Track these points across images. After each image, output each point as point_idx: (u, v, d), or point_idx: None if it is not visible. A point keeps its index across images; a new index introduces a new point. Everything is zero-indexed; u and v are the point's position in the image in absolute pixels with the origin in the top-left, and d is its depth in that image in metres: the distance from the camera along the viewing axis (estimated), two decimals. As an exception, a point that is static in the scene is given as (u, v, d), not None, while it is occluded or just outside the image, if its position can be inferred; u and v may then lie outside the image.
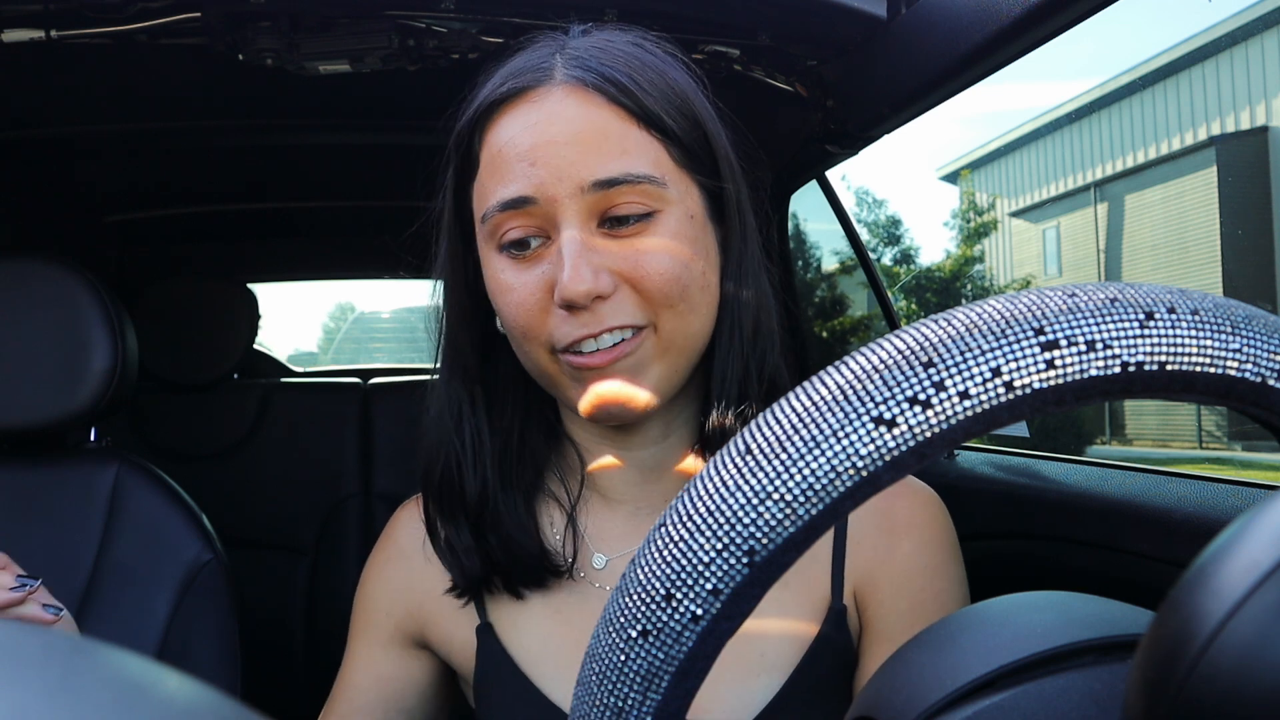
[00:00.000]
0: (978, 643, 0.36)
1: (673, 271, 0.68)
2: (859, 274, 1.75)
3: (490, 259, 0.71)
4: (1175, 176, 13.56)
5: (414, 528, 0.84)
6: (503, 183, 0.68)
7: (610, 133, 0.68)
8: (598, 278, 0.66)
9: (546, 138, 0.67)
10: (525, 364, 0.74)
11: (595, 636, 0.35)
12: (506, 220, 0.68)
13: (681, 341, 0.71)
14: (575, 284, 0.66)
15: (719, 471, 0.32)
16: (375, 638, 0.84)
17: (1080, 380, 0.30)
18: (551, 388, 0.74)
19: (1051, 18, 0.90)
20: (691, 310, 0.70)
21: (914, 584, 0.76)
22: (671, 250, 0.69)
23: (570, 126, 0.67)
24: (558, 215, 0.67)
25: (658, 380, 0.71)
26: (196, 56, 1.19)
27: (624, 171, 0.67)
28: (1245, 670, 0.24)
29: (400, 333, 8.20)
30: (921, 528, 0.77)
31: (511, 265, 0.70)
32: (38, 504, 1.28)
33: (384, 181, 1.97)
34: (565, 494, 0.80)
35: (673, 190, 0.69)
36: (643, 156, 0.68)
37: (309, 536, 1.97)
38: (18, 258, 1.25)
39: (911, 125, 1.26)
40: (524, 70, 0.70)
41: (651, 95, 0.69)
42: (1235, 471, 3.88)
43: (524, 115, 0.68)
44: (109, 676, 0.17)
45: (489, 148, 0.70)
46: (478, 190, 0.72)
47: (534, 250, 0.69)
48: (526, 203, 0.67)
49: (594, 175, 0.67)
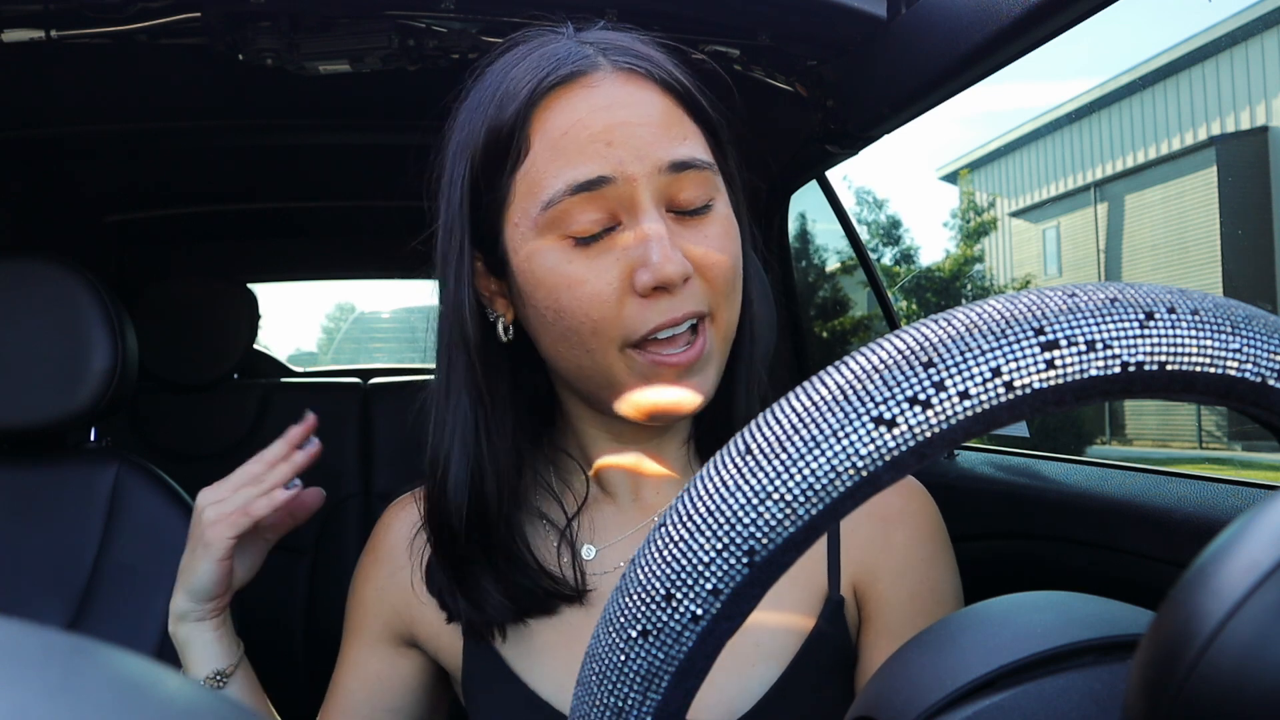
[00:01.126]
0: (978, 643, 0.36)
1: (730, 259, 0.69)
2: (859, 274, 1.75)
3: (546, 251, 0.67)
4: (1175, 176, 13.56)
5: (401, 527, 0.83)
6: (572, 165, 0.65)
7: (672, 118, 0.68)
8: (683, 260, 0.65)
9: (620, 119, 0.65)
10: (578, 364, 0.69)
11: (595, 636, 0.35)
12: (576, 206, 0.65)
13: (730, 331, 0.71)
14: (670, 264, 0.64)
15: (719, 471, 0.32)
16: (365, 638, 0.84)
17: (1080, 380, 0.30)
18: (605, 388, 0.69)
19: (1051, 18, 0.90)
20: (739, 301, 0.71)
21: (912, 575, 0.76)
22: (727, 237, 0.69)
23: (640, 110, 0.66)
24: (636, 196, 0.65)
25: (718, 372, 0.71)
26: (196, 56, 1.19)
27: (691, 155, 0.67)
28: (1245, 670, 0.24)
29: (400, 333, 8.20)
30: (914, 519, 0.78)
31: (579, 256, 0.66)
32: (38, 504, 1.28)
33: (384, 181, 1.97)
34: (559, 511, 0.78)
35: (720, 180, 0.70)
36: (698, 144, 0.69)
37: (309, 536, 1.97)
38: (18, 258, 1.25)
39: (911, 125, 1.26)
40: (568, 58, 0.68)
41: (690, 84, 0.70)
42: (1235, 471, 3.88)
43: (586, 99, 0.66)
44: (109, 676, 0.17)
45: (547, 132, 0.66)
46: (528, 179, 0.67)
47: (605, 237, 0.66)
48: (603, 183, 0.65)
49: (671, 156, 0.66)
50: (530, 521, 0.78)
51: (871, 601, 0.76)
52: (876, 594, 0.76)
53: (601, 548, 0.79)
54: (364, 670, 0.84)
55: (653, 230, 0.65)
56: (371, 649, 0.84)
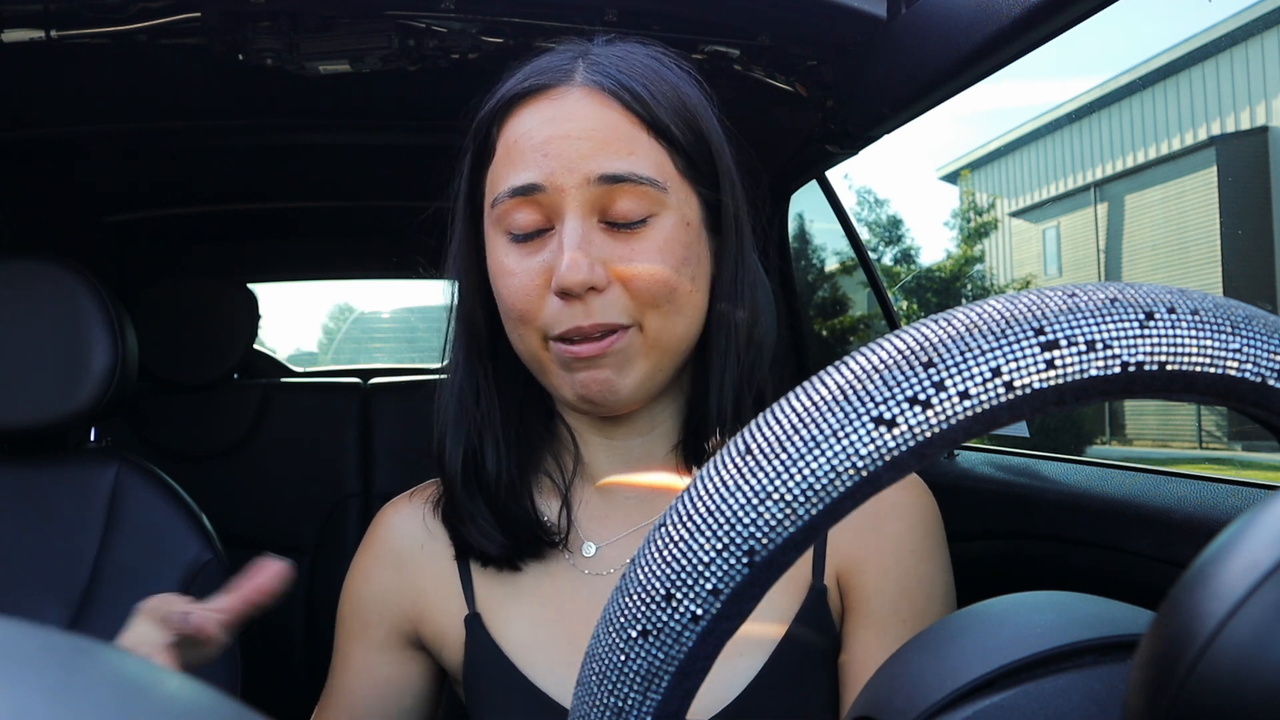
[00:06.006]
0: (978, 643, 0.36)
1: (662, 274, 0.72)
2: (859, 274, 1.75)
3: (495, 243, 0.74)
4: (1175, 176, 13.56)
5: (404, 526, 0.84)
6: (515, 170, 0.72)
7: (620, 134, 0.71)
8: (593, 269, 0.70)
9: (561, 132, 0.71)
10: (518, 348, 0.76)
11: (595, 636, 0.35)
12: (515, 207, 0.72)
13: (666, 342, 0.74)
14: (573, 273, 0.69)
15: (719, 471, 0.32)
16: (370, 641, 0.84)
17: (1080, 380, 0.30)
18: (540, 374, 0.76)
19: (1051, 18, 0.90)
20: (677, 313, 0.73)
21: (901, 566, 0.77)
22: (664, 252, 0.72)
23: (584, 124, 0.71)
24: (563, 205, 0.71)
25: (641, 376, 0.74)
26: (196, 56, 1.19)
27: (629, 170, 0.70)
28: (1245, 670, 0.24)
29: (400, 333, 8.20)
30: (909, 511, 0.79)
31: (514, 250, 0.73)
32: (38, 504, 1.28)
33: (384, 181, 1.97)
34: (559, 473, 0.82)
35: (672, 196, 0.73)
36: (647, 160, 0.72)
37: (309, 536, 1.97)
38: (18, 258, 1.25)
39: (911, 125, 1.26)
40: (546, 70, 0.74)
41: (663, 106, 0.73)
42: (1235, 471, 3.88)
43: (542, 110, 0.72)
44: (109, 676, 0.17)
45: (505, 138, 0.74)
46: (491, 177, 0.75)
47: (537, 238, 0.72)
48: (535, 190, 0.71)
49: (601, 169, 0.70)
50: (536, 479, 0.82)
51: (856, 590, 0.77)
52: (863, 584, 0.77)
53: (601, 545, 0.79)
54: (371, 674, 0.83)
55: (568, 238, 0.70)
56: (379, 652, 0.84)
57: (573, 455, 0.82)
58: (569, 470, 0.82)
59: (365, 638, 0.84)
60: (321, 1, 1.11)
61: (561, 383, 0.74)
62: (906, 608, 0.76)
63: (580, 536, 0.80)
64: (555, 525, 0.80)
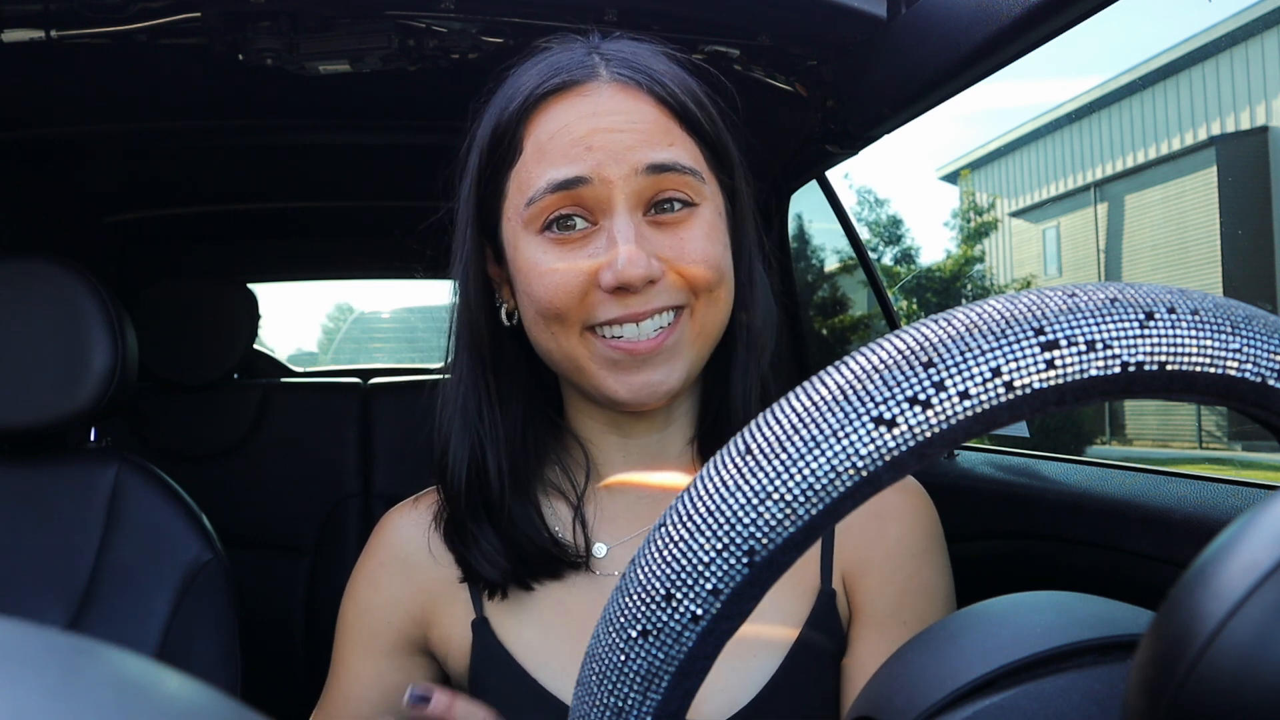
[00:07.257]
0: (977, 643, 0.36)
1: (713, 258, 0.72)
2: (859, 274, 1.75)
3: (528, 243, 0.72)
4: (1175, 176, 13.55)
5: (410, 532, 0.83)
6: (554, 166, 0.70)
7: (659, 126, 0.71)
8: (650, 262, 0.69)
9: (603, 125, 0.70)
10: (548, 348, 0.74)
11: (595, 636, 0.35)
12: (555, 203, 0.70)
13: (710, 329, 0.74)
14: (631, 267, 0.68)
15: (719, 471, 0.32)
16: (377, 648, 0.83)
17: (1080, 380, 0.30)
18: (575, 372, 0.74)
19: (1051, 18, 0.90)
20: (722, 300, 0.74)
21: (903, 569, 0.78)
22: (710, 239, 0.72)
23: (625, 117, 0.71)
24: (611, 197, 0.70)
25: (688, 365, 0.73)
26: (196, 56, 1.19)
27: (674, 160, 0.71)
28: (1245, 670, 0.24)
29: (400, 333, 8.19)
30: (909, 515, 0.80)
31: (555, 248, 0.71)
32: (38, 504, 1.28)
33: (384, 181, 1.97)
34: (570, 485, 0.81)
35: (708, 187, 0.73)
36: (685, 151, 0.72)
37: (309, 536, 1.97)
38: (18, 258, 1.25)
39: (911, 125, 1.26)
40: (567, 67, 0.73)
41: (690, 100, 0.73)
42: (1235, 471, 3.88)
43: (576, 106, 0.71)
44: (109, 676, 0.17)
45: (537, 136, 0.72)
46: (519, 177, 0.73)
47: (578, 233, 0.71)
48: (580, 183, 0.69)
49: (648, 159, 0.70)
50: (544, 492, 0.81)
51: (860, 593, 0.78)
52: (866, 587, 0.78)
53: (613, 545, 0.79)
54: (379, 681, 0.82)
55: (622, 233, 0.69)
56: (388, 659, 0.83)
57: (583, 465, 0.81)
58: (580, 482, 0.81)
59: (372, 645, 0.83)
60: (321, 1, 1.11)
61: (603, 380, 0.72)
62: (907, 611, 0.77)
63: (591, 537, 0.80)
64: (570, 543, 0.78)
